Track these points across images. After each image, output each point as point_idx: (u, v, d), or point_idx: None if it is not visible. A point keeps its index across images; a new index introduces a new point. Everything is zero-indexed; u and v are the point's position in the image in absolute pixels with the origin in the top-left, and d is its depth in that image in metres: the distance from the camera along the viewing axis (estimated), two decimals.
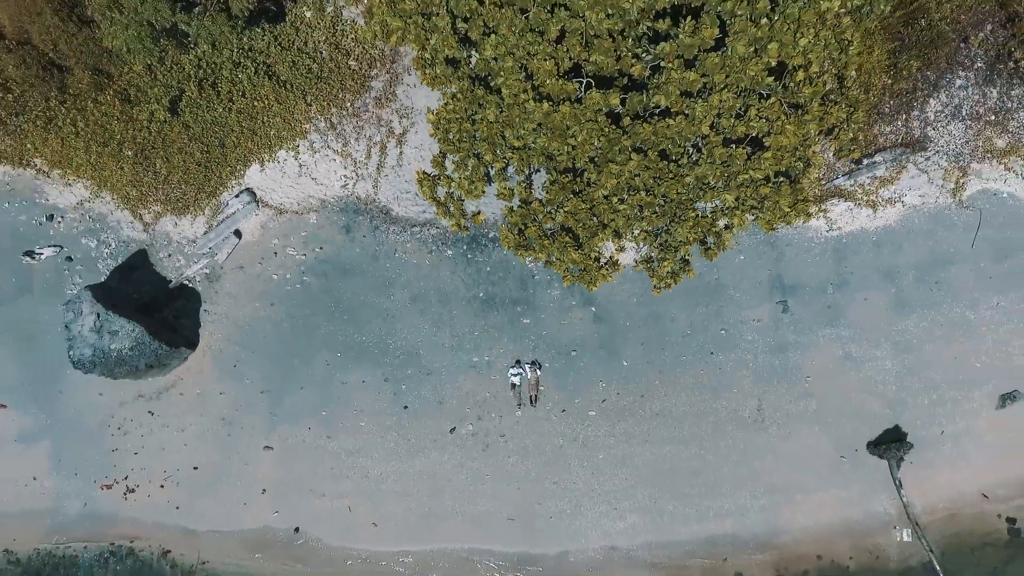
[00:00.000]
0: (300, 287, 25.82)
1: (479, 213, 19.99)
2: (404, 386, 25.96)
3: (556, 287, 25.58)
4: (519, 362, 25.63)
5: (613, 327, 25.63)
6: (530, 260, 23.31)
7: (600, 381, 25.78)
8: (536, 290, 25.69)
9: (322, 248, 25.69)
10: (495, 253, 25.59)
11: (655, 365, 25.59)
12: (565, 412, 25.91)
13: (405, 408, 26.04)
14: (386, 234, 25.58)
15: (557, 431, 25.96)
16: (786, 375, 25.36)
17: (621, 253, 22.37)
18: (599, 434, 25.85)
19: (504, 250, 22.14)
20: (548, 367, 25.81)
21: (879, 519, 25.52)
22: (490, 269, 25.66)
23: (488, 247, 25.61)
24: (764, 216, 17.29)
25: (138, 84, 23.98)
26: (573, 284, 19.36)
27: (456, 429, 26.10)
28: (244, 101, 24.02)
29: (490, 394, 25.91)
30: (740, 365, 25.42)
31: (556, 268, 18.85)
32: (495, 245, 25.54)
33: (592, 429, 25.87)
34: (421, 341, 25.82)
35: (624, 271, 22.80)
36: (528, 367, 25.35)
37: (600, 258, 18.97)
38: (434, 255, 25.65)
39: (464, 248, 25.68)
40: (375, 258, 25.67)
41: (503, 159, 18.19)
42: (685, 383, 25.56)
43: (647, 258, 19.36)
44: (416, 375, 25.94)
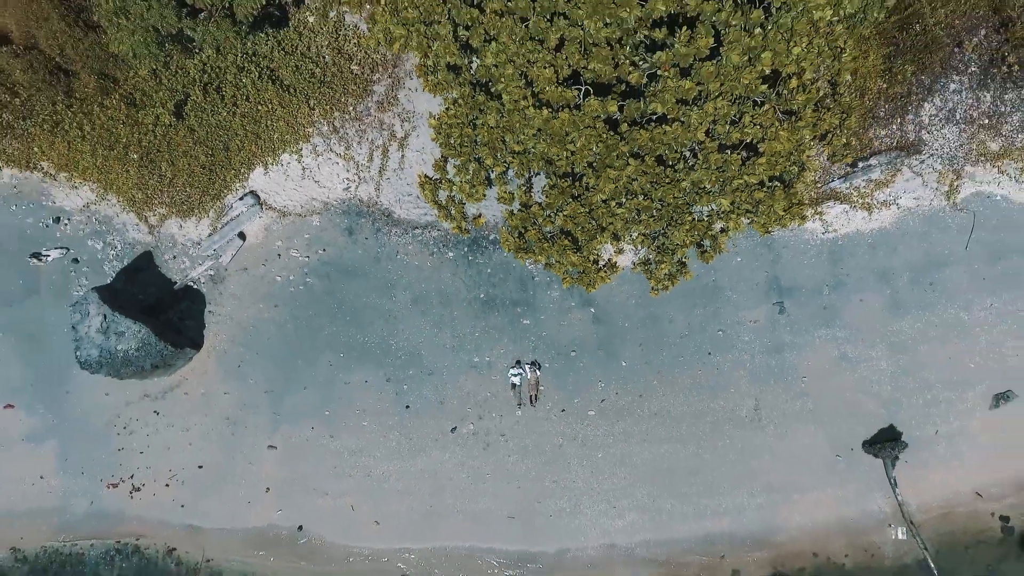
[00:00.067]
0: (303, 288, 26.06)
1: (480, 216, 20.17)
2: (406, 386, 26.18)
3: (556, 289, 25.79)
4: (519, 362, 25.84)
5: (612, 328, 25.86)
6: (530, 262, 23.56)
7: (599, 381, 26.00)
8: (536, 292, 25.92)
9: (325, 250, 25.93)
10: (495, 255, 25.82)
11: (653, 365, 25.82)
12: (565, 412, 26.14)
13: (407, 408, 26.26)
14: (388, 236, 25.80)
15: (557, 430, 26.17)
16: (783, 375, 25.57)
17: (619, 255, 22.69)
18: (598, 433, 26.08)
19: (504, 252, 22.27)
20: (548, 367, 26.03)
21: (874, 517, 25.72)
22: (491, 271, 25.91)
23: (489, 249, 25.85)
24: (759, 220, 17.51)
25: (143, 88, 24.15)
26: (572, 286, 19.54)
27: (457, 428, 26.32)
28: (248, 105, 24.22)
29: (491, 394, 26.13)
30: (737, 365, 25.64)
31: (556, 270, 19.07)
32: (495, 247, 25.74)
33: (591, 428, 26.09)
34: (423, 342, 26.04)
35: (622, 273, 22.95)
36: (528, 367, 25.54)
37: (599, 260, 19.17)
38: (435, 257, 25.90)
39: (465, 250, 25.92)
40: (377, 260, 25.90)
41: (503, 163, 18.38)
42: (683, 383, 25.77)
43: (645, 260, 19.55)
44: (418, 375, 26.18)
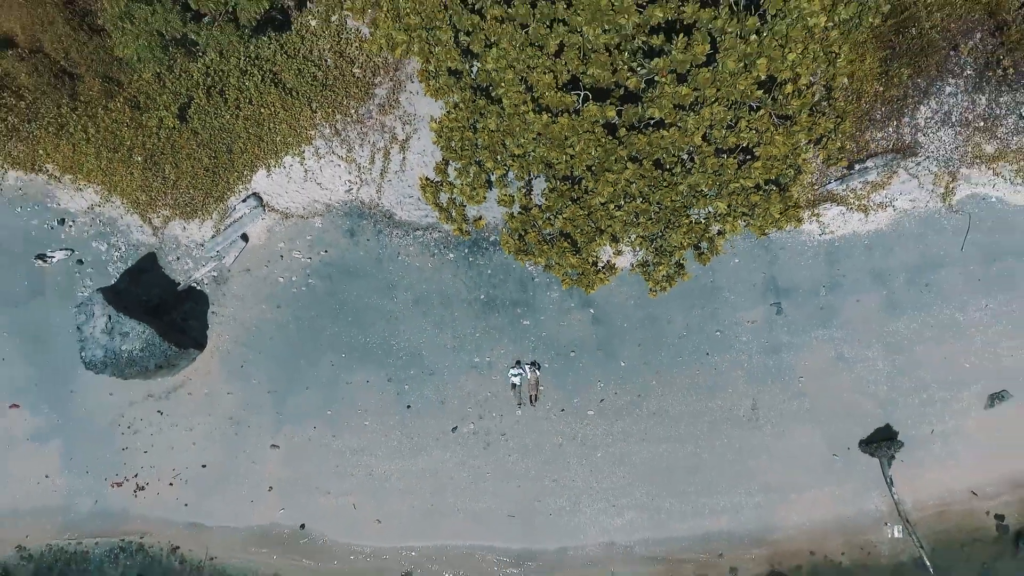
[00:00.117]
0: (305, 289, 26.25)
1: (480, 218, 20.24)
2: (407, 386, 26.38)
3: (555, 290, 25.99)
4: (519, 362, 26.04)
5: (611, 329, 26.06)
6: (530, 264, 23.76)
7: (598, 381, 26.21)
8: (536, 293, 26.13)
9: (327, 251, 26.13)
10: (496, 257, 26.02)
11: (652, 366, 26.02)
12: (564, 411, 26.33)
13: (408, 408, 26.45)
14: (389, 238, 25.99)
15: (556, 430, 26.36)
16: (780, 375, 25.77)
17: (618, 257, 22.92)
18: (597, 433, 26.26)
19: (504, 254, 22.39)
20: (547, 367, 26.23)
21: (871, 516, 25.93)
22: (491, 272, 26.12)
23: (489, 251, 26.05)
24: (755, 222, 17.66)
25: (148, 91, 24.29)
26: (572, 287, 19.62)
27: (458, 428, 26.51)
28: (251, 108, 24.42)
29: (491, 394, 26.33)
30: (735, 365, 25.85)
31: (555, 272, 19.14)
32: (496, 249, 25.95)
33: (591, 428, 26.29)
34: (424, 342, 26.24)
35: (621, 275, 23.05)
36: (528, 367, 25.74)
37: (597, 262, 19.26)
38: (436, 258, 26.10)
39: (465, 252, 26.12)
40: (379, 261, 26.09)
41: (504, 166, 18.48)
42: (681, 383, 25.97)
43: (643, 262, 19.67)
44: (419, 375, 26.38)
